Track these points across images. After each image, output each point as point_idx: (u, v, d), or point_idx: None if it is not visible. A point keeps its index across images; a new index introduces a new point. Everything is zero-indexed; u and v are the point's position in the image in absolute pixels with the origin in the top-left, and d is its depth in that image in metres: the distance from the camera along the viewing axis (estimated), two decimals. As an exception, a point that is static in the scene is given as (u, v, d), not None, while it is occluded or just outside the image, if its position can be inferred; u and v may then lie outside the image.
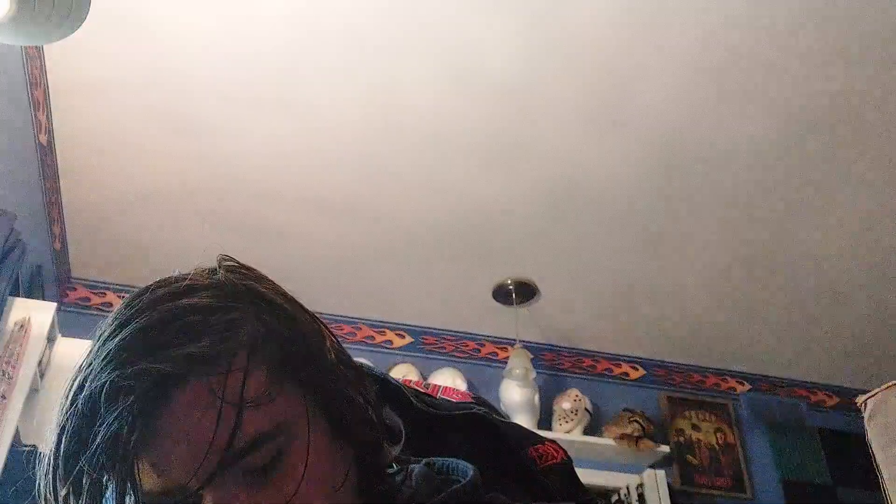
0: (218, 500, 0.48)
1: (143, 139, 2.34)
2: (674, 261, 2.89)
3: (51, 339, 2.11)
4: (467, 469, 0.57)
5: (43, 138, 2.27)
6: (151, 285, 0.55)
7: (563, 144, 2.39)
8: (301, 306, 0.57)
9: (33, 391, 1.98)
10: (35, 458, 0.52)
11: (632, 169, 2.48)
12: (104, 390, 0.47)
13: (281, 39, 2.06)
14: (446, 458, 0.59)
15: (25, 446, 1.90)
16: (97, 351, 0.51)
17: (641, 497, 2.91)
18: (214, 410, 0.48)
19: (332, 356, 0.56)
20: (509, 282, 2.98)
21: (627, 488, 2.98)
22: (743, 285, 3.02)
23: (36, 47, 2.03)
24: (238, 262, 0.58)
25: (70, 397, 0.49)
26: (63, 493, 0.49)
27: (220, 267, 0.57)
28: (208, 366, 0.49)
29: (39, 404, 2.05)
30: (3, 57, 1.91)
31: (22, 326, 1.97)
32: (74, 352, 2.21)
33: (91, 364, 0.50)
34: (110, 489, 0.48)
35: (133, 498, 0.47)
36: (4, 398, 1.81)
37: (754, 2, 1.98)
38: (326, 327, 0.58)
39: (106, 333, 0.52)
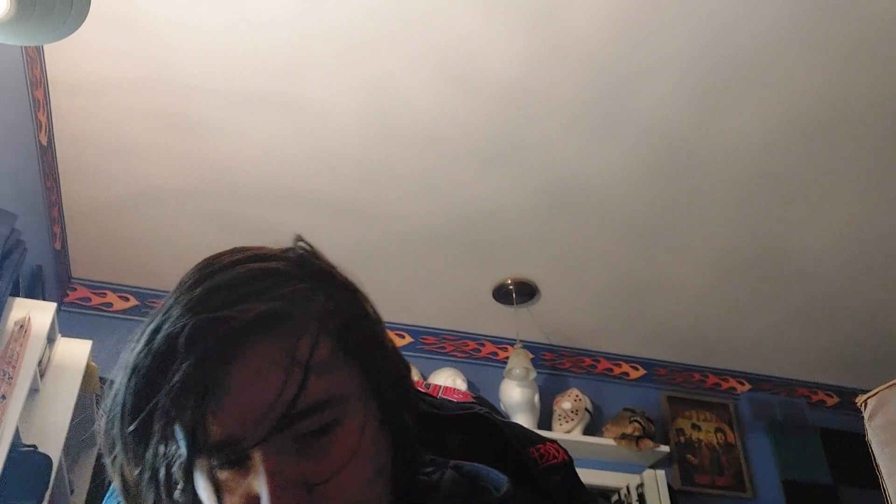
0: (267, 461, 0.49)
1: (142, 139, 2.34)
2: (674, 260, 2.89)
3: (51, 339, 2.11)
4: (500, 480, 0.57)
5: (43, 138, 2.27)
6: (229, 250, 0.57)
7: (563, 145, 2.39)
8: (366, 295, 0.59)
9: (33, 391, 1.98)
10: (103, 394, 0.53)
11: (631, 169, 2.48)
12: (185, 332, 0.49)
13: (281, 40, 2.06)
14: (473, 464, 0.59)
15: (25, 446, 1.90)
16: (176, 299, 0.52)
17: (641, 497, 2.91)
18: (283, 368, 0.49)
19: (389, 345, 0.58)
20: (509, 282, 2.98)
21: (627, 488, 2.98)
22: (743, 285, 3.02)
23: (36, 47, 2.03)
24: (311, 245, 0.60)
25: (145, 339, 0.51)
26: (131, 429, 0.50)
27: (295, 245, 0.59)
28: (285, 325, 0.51)
29: (39, 404, 2.05)
30: (3, 57, 1.91)
31: (22, 326, 1.96)
32: (74, 352, 2.22)
33: (169, 310, 0.51)
34: (178, 430, 0.49)
35: (200, 441, 0.48)
36: (4, 398, 1.81)
37: (752, 4, 1.98)
38: None
39: (187, 284, 0.53)
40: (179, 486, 0.50)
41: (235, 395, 0.49)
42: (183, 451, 0.49)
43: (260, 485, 0.49)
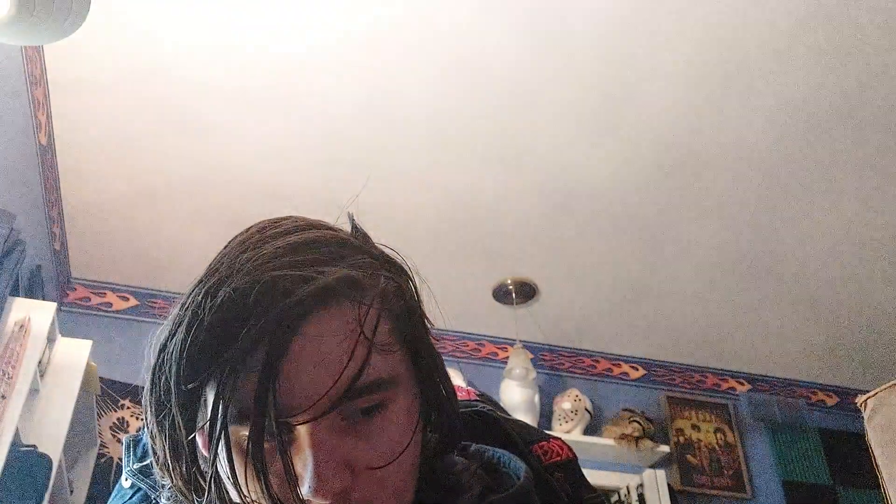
0: (315, 438, 0.47)
1: (142, 138, 2.34)
2: (674, 261, 2.89)
3: (51, 339, 2.11)
4: (519, 468, 0.56)
5: (43, 138, 2.27)
6: (287, 216, 0.55)
7: (564, 145, 2.39)
8: (417, 285, 0.58)
9: (33, 391, 1.98)
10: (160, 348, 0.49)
11: (632, 169, 2.48)
12: (258, 288, 0.46)
13: (281, 40, 2.06)
14: (496, 449, 0.59)
15: (25, 446, 1.90)
16: (238, 256, 0.49)
17: (641, 497, 2.91)
18: (352, 339, 0.47)
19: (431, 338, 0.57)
20: (509, 282, 2.98)
21: (627, 488, 2.98)
22: (743, 285, 3.02)
23: (36, 47, 2.03)
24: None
25: (203, 294, 0.47)
26: (190, 386, 0.46)
27: (352, 223, 0.57)
28: (357, 295, 0.49)
29: (39, 404, 2.05)
30: (3, 57, 1.91)
31: (22, 326, 1.96)
32: (74, 352, 2.22)
33: (231, 266, 0.48)
34: (239, 392, 0.46)
35: (270, 405, 0.45)
36: (4, 398, 1.81)
37: (753, 6, 1.98)
38: None
39: (250, 242, 0.50)
40: (250, 451, 0.46)
41: (303, 361, 0.46)
42: (242, 415, 0.46)
43: (304, 462, 0.47)
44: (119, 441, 2.63)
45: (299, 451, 0.47)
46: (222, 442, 0.47)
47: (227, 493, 0.50)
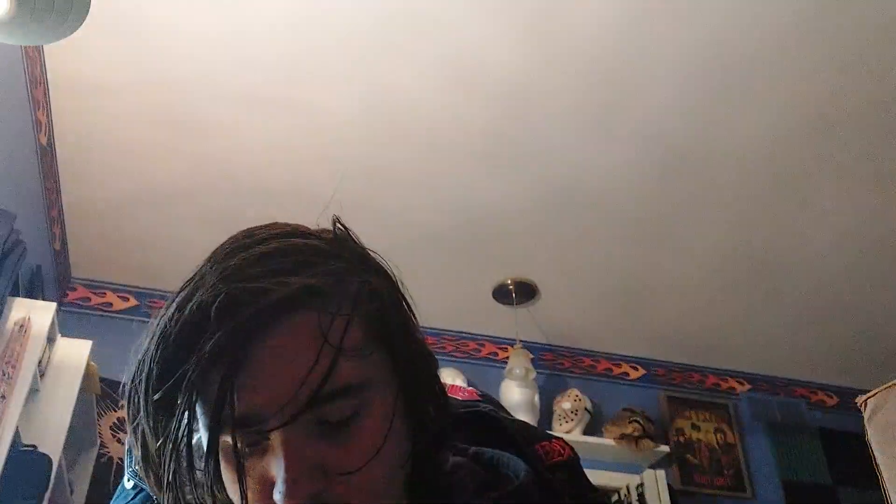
0: (286, 444, 0.48)
1: (143, 139, 2.34)
2: (673, 261, 2.89)
3: (51, 339, 2.11)
4: (519, 467, 0.56)
5: (43, 138, 2.27)
6: (267, 224, 0.56)
7: (563, 145, 2.39)
8: (400, 284, 0.59)
9: (33, 391, 1.98)
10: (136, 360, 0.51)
11: (631, 169, 2.48)
12: (218, 301, 0.47)
13: (281, 41, 2.06)
14: (495, 451, 0.59)
15: (25, 446, 1.90)
16: (210, 267, 0.51)
17: (641, 497, 2.91)
18: (315, 348, 0.48)
19: (419, 337, 0.57)
20: (509, 282, 2.98)
21: (627, 488, 2.98)
22: (743, 285, 3.02)
23: (36, 47, 2.03)
24: (348, 227, 0.59)
25: (175, 306, 0.49)
26: (156, 398, 0.48)
27: (334, 225, 0.58)
28: (320, 303, 0.49)
29: (39, 404, 2.05)
30: (3, 57, 1.91)
31: (22, 326, 1.96)
32: (74, 352, 2.22)
33: (203, 278, 0.50)
34: (203, 403, 0.48)
35: (225, 416, 0.47)
36: (4, 398, 1.81)
37: (752, 8, 1.98)
38: None
39: (223, 253, 0.52)
40: (201, 461, 0.49)
41: (264, 371, 0.47)
42: (206, 425, 0.47)
43: (277, 468, 0.48)
44: (119, 441, 2.64)
45: (273, 457, 0.48)
46: (184, 454, 0.48)
47: (197, 498, 0.51)
